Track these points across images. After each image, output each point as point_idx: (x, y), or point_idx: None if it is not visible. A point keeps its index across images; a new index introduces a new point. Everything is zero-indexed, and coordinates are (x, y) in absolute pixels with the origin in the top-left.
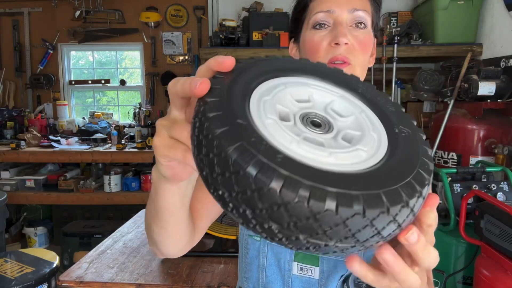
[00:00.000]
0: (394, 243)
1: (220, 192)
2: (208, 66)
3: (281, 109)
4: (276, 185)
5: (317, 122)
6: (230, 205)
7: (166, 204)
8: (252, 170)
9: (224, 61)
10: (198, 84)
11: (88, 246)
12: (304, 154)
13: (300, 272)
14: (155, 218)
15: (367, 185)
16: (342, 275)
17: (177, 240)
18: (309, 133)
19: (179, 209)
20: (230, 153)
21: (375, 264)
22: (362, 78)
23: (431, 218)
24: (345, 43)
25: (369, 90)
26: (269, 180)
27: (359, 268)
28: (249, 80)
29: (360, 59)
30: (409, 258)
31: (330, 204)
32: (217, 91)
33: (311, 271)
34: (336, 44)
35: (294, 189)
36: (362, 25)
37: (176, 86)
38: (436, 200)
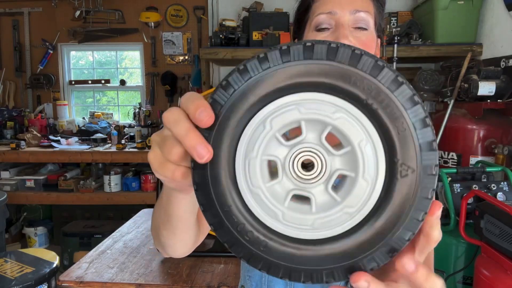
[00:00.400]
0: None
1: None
2: (190, 113)
3: (268, 159)
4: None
5: (308, 162)
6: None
7: (177, 212)
8: (241, 256)
9: (201, 120)
10: (198, 149)
11: (88, 246)
12: (287, 232)
13: None
14: (165, 224)
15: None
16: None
17: (185, 243)
18: (298, 187)
19: (190, 215)
20: (219, 236)
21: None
22: None
23: (436, 230)
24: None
25: (381, 97)
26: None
27: (367, 285)
28: (232, 133)
29: None
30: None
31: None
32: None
33: None
34: None
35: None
36: (364, 27)
37: (177, 126)
38: (438, 208)
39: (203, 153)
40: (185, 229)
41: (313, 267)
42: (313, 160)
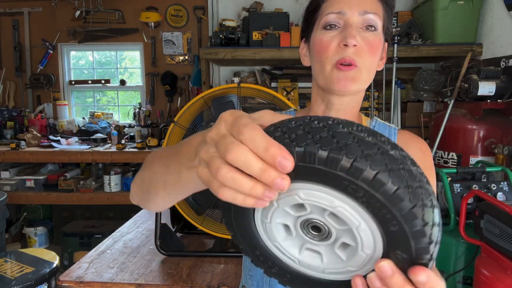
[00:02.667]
0: None
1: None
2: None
3: (283, 223)
4: None
5: (317, 227)
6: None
7: (193, 186)
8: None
9: (285, 167)
10: (278, 182)
11: (88, 246)
12: (300, 269)
13: None
14: (167, 188)
15: None
16: None
17: (169, 203)
18: (309, 243)
19: (200, 188)
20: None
21: None
22: (369, 81)
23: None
24: (354, 45)
25: (374, 198)
26: None
27: None
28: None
29: (367, 62)
30: None
31: None
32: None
33: None
34: (345, 45)
35: None
36: (372, 28)
37: (251, 167)
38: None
39: (284, 185)
40: (182, 196)
41: None
42: (321, 227)
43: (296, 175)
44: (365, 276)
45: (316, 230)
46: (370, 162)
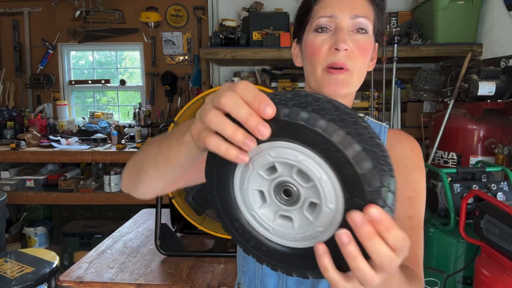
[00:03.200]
0: None
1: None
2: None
3: (259, 188)
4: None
5: (288, 190)
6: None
7: (180, 161)
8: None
9: (266, 113)
10: (260, 128)
11: (88, 246)
12: (277, 241)
13: None
14: (158, 167)
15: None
16: None
17: (160, 187)
18: (282, 209)
19: (186, 167)
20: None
21: None
22: (359, 83)
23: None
24: (345, 49)
25: (330, 147)
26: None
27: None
28: (229, 173)
29: (358, 64)
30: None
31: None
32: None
33: None
34: (336, 49)
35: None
36: (363, 31)
37: (239, 110)
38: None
39: (265, 131)
40: (171, 175)
41: (293, 264)
42: (290, 189)
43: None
44: (329, 242)
45: (287, 194)
46: (324, 113)
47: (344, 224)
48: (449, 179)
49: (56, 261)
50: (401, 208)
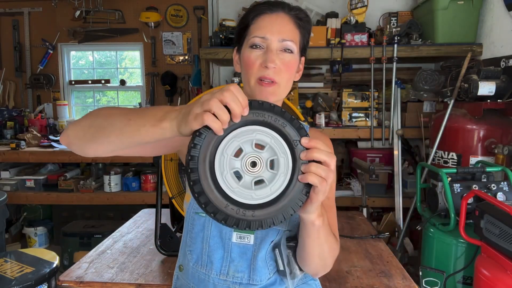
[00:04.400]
0: None
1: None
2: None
3: (234, 170)
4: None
5: (253, 162)
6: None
7: (147, 139)
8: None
9: (241, 113)
10: (238, 110)
11: (88, 246)
12: (258, 202)
13: (239, 240)
14: (122, 135)
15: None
16: (272, 241)
17: (111, 151)
18: (254, 177)
19: (148, 144)
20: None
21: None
22: (287, 91)
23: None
24: (273, 67)
25: (270, 117)
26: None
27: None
28: (209, 163)
29: (285, 78)
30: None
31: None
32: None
33: (248, 238)
34: (266, 67)
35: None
36: (289, 51)
37: (233, 102)
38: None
39: (246, 110)
40: (131, 144)
41: (277, 212)
42: (255, 160)
43: (232, 128)
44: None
45: (253, 165)
46: (264, 102)
47: (294, 162)
48: (449, 179)
49: (56, 261)
50: None
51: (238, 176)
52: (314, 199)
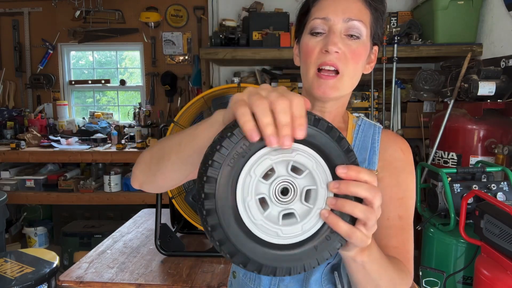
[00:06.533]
0: None
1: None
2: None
3: (260, 196)
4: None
5: (285, 189)
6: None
7: (203, 143)
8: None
9: (297, 134)
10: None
11: (88, 246)
12: (286, 242)
13: None
14: (180, 150)
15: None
16: (329, 263)
17: (177, 176)
18: (284, 208)
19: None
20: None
21: None
22: (352, 86)
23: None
24: (335, 51)
25: (317, 137)
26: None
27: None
28: (231, 185)
29: (350, 68)
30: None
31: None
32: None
33: None
34: (326, 51)
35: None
36: (355, 37)
37: (283, 115)
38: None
39: (286, 143)
40: (193, 161)
41: (309, 258)
42: (287, 186)
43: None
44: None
45: (284, 193)
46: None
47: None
48: (449, 179)
49: (56, 261)
50: (393, 209)
51: (262, 204)
52: (350, 245)
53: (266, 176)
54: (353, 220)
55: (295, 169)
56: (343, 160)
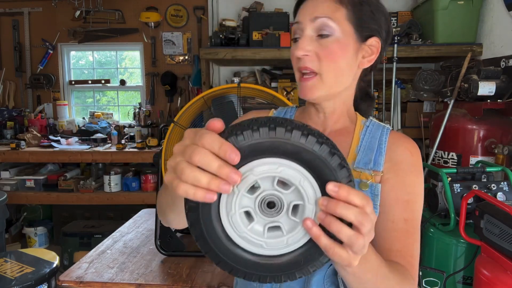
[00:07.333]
0: None
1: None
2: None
3: (245, 209)
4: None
5: (271, 203)
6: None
7: (176, 203)
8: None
9: (232, 159)
10: (232, 176)
11: (88, 246)
12: (271, 253)
13: None
14: (171, 207)
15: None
16: (331, 264)
17: (182, 221)
18: (269, 221)
19: None
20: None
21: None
22: (339, 84)
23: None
24: (305, 55)
25: (300, 147)
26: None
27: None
28: (214, 203)
29: (327, 67)
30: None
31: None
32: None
33: None
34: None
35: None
36: (326, 35)
37: (211, 165)
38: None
39: (235, 178)
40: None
41: (292, 269)
42: (274, 200)
43: (246, 158)
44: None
45: (271, 206)
46: (291, 127)
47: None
48: (449, 179)
49: (56, 261)
50: (398, 211)
51: (248, 216)
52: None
53: (253, 189)
54: None
55: (283, 183)
56: (335, 177)
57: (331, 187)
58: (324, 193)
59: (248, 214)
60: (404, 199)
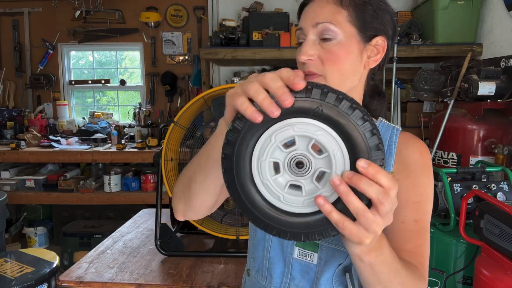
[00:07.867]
0: None
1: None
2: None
3: (275, 160)
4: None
5: (300, 163)
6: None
7: (219, 152)
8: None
9: (297, 83)
10: (284, 97)
11: (88, 246)
12: (285, 208)
13: (300, 256)
14: (205, 161)
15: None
16: (340, 264)
17: (209, 196)
18: (293, 179)
19: None
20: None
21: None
22: (344, 82)
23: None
24: (308, 59)
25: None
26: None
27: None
28: (250, 144)
29: (334, 69)
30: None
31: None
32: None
33: (311, 256)
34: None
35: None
36: (329, 39)
37: (275, 83)
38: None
39: (288, 100)
40: (215, 177)
41: (299, 230)
42: (303, 161)
43: (291, 113)
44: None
45: (299, 166)
46: (341, 96)
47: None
48: (449, 179)
49: (56, 261)
50: (408, 212)
51: (275, 169)
52: (347, 239)
53: (288, 146)
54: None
55: (318, 150)
56: (369, 156)
57: (361, 163)
58: (353, 168)
59: (276, 167)
60: (415, 201)
